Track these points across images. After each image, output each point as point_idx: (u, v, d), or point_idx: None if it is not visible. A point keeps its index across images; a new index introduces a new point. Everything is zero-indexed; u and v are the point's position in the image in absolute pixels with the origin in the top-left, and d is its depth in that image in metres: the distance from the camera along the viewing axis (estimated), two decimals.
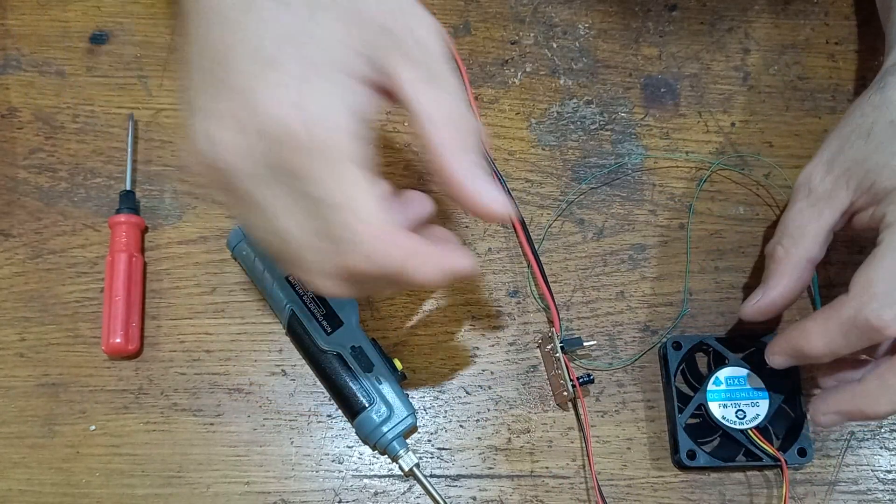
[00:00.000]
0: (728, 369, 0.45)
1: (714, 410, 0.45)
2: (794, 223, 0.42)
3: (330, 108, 0.30)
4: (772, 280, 0.43)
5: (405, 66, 0.31)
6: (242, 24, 0.30)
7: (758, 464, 0.45)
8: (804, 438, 0.44)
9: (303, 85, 0.29)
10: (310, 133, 0.29)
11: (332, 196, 0.29)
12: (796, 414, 0.45)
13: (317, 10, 0.30)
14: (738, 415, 0.44)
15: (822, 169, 0.42)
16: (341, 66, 0.30)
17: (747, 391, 0.45)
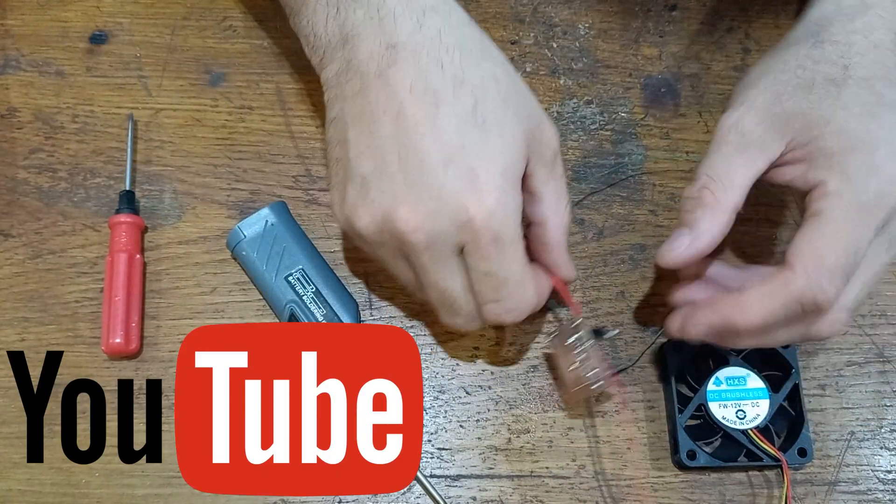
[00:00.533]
0: (728, 369, 0.45)
1: (714, 410, 0.44)
2: (723, 168, 0.40)
3: (506, 204, 0.37)
4: (701, 225, 0.40)
5: (541, 166, 0.40)
6: (446, 138, 0.37)
7: (758, 464, 0.45)
8: (804, 438, 0.44)
9: (500, 192, 0.37)
10: (504, 229, 0.37)
11: (505, 271, 0.38)
12: (796, 414, 0.45)
13: (504, 130, 0.38)
14: (738, 415, 0.44)
15: (756, 115, 0.40)
16: (511, 173, 0.38)
17: (747, 391, 0.45)
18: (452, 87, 0.38)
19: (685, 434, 0.44)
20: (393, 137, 0.38)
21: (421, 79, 0.38)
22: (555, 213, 0.41)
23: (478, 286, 0.39)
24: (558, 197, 0.41)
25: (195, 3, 0.53)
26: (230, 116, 0.51)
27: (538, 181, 0.40)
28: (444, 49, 0.38)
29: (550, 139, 0.40)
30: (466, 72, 0.38)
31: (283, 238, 0.46)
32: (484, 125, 0.38)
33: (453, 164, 0.37)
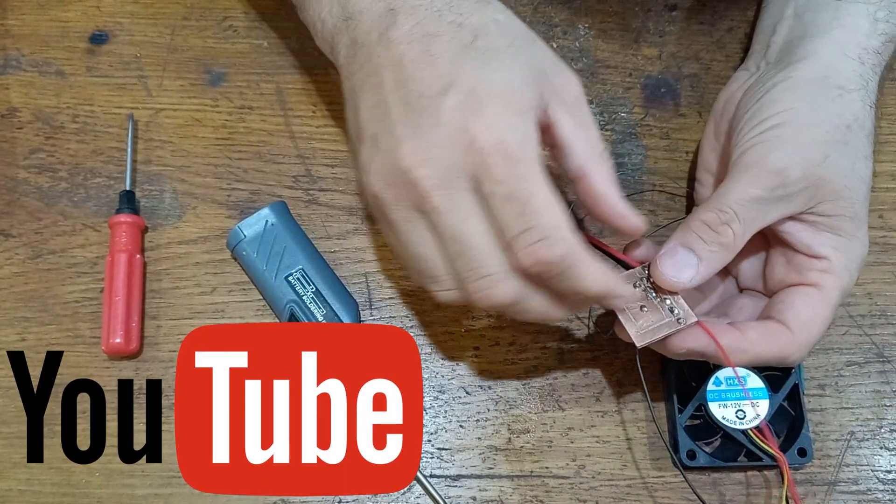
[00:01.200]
0: (728, 369, 0.45)
1: (714, 410, 0.44)
2: (754, 213, 0.39)
3: (512, 123, 0.35)
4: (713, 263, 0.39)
5: (562, 110, 0.38)
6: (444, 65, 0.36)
7: (758, 464, 0.45)
8: (804, 438, 0.44)
9: (506, 112, 0.35)
10: (517, 146, 0.35)
11: (527, 190, 0.35)
12: (796, 414, 0.45)
13: (506, 61, 0.37)
14: (738, 415, 0.44)
15: (801, 170, 0.39)
16: (528, 104, 0.36)
17: (747, 390, 0.45)
18: (450, 29, 0.37)
19: (685, 434, 0.44)
20: (394, 85, 0.37)
21: (419, 27, 0.37)
22: (592, 160, 0.38)
23: (502, 219, 0.35)
24: (592, 144, 0.38)
25: (195, 3, 0.53)
26: (230, 116, 0.51)
27: (564, 128, 0.38)
28: (444, 2, 0.38)
29: (569, 82, 0.38)
30: (465, 16, 0.37)
31: (283, 238, 0.46)
32: (485, 55, 0.36)
33: (452, 89, 0.36)
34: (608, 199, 0.38)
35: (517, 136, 0.35)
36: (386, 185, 0.37)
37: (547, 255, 0.35)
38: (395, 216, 0.37)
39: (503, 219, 0.35)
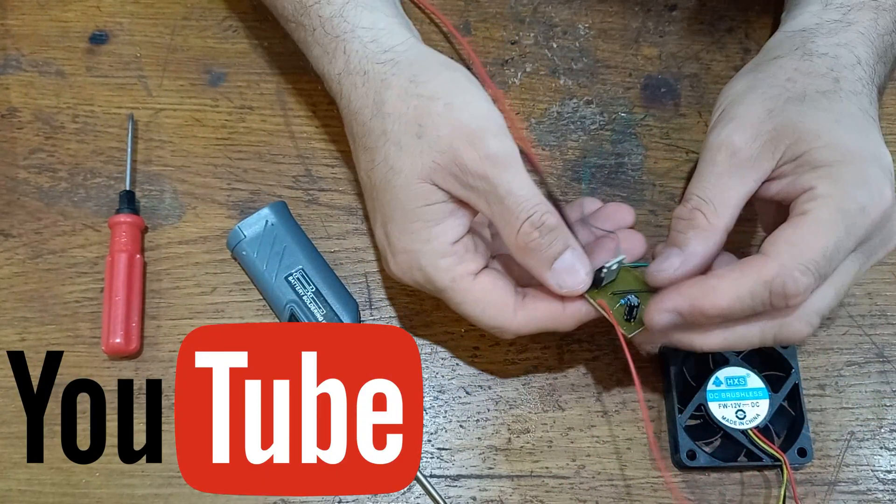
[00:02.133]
0: (728, 369, 0.45)
1: (714, 410, 0.44)
2: (715, 189, 0.39)
3: (430, 254, 0.40)
4: (692, 247, 0.39)
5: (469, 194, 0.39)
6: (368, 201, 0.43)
7: (758, 464, 0.45)
8: (804, 438, 0.44)
9: (409, 245, 0.40)
10: (429, 282, 0.40)
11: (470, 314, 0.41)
12: (796, 414, 0.45)
13: (398, 181, 0.40)
14: (738, 415, 0.44)
15: (747, 132, 0.39)
16: (424, 216, 0.39)
17: (747, 391, 0.45)
18: (361, 153, 0.42)
19: (685, 434, 0.44)
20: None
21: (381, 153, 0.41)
22: (508, 239, 0.39)
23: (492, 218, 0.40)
24: (505, 222, 0.38)
25: (195, 3, 0.53)
26: (230, 116, 0.51)
27: (478, 209, 0.39)
28: (355, 119, 0.42)
29: (469, 161, 0.37)
30: (365, 132, 0.41)
31: (283, 238, 0.46)
32: (382, 182, 0.40)
33: (377, 228, 0.42)
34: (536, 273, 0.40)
35: (422, 274, 0.40)
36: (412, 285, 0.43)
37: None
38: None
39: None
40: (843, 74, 0.40)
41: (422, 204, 0.39)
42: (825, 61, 0.41)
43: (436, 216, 0.39)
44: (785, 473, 0.44)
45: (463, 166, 0.38)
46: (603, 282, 0.40)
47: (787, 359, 0.45)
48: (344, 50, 0.41)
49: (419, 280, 0.40)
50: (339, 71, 0.42)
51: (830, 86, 0.40)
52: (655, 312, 0.38)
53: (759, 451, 0.44)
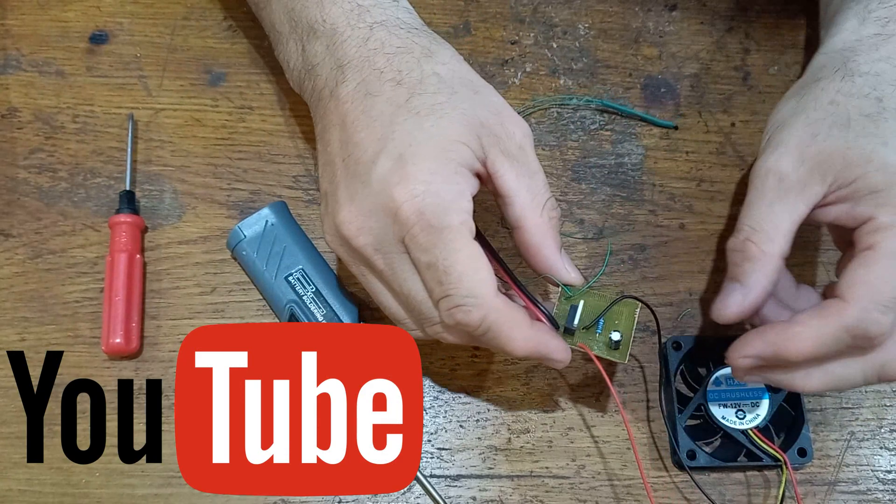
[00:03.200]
0: (728, 369, 0.45)
1: (714, 410, 0.44)
2: (765, 217, 0.39)
3: (452, 195, 0.36)
4: (751, 279, 0.39)
5: (504, 160, 0.38)
6: (379, 128, 0.37)
7: (758, 464, 0.45)
8: (804, 438, 0.44)
9: (431, 176, 0.36)
10: (437, 216, 0.36)
11: (444, 260, 0.36)
12: (796, 414, 0.45)
13: (441, 116, 0.37)
14: (738, 415, 0.44)
15: (793, 157, 0.39)
16: (459, 160, 0.37)
17: (747, 391, 0.45)
18: (389, 88, 0.38)
19: (685, 434, 0.44)
20: (338, 146, 0.39)
21: (362, 85, 0.38)
22: (531, 211, 0.39)
23: (427, 283, 0.37)
24: (533, 194, 0.39)
25: (195, 3, 0.53)
26: (230, 116, 0.51)
27: (504, 178, 0.39)
28: (386, 58, 0.39)
29: (513, 130, 0.39)
30: (404, 73, 0.39)
31: (283, 238, 0.46)
32: (418, 114, 0.37)
33: (382, 155, 0.37)
34: (542, 252, 0.39)
35: (439, 201, 0.36)
36: (337, 244, 0.39)
37: (465, 319, 0.36)
38: (352, 269, 0.40)
39: (427, 284, 0.37)
40: (887, 92, 0.39)
41: (460, 148, 0.37)
42: (867, 80, 0.40)
43: (466, 164, 0.37)
44: (785, 473, 0.44)
45: (509, 132, 0.39)
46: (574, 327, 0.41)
47: None
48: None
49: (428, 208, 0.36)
50: (375, 20, 0.40)
51: (874, 107, 0.39)
52: (739, 358, 0.39)
53: (759, 451, 0.44)
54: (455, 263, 0.36)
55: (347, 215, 0.37)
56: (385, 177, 0.36)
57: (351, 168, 0.38)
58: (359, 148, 0.37)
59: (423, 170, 0.36)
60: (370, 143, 0.37)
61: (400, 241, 0.37)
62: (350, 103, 0.38)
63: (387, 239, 0.37)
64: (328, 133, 0.39)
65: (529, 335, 0.38)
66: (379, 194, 0.36)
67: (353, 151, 0.38)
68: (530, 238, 0.39)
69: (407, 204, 0.36)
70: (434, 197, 0.36)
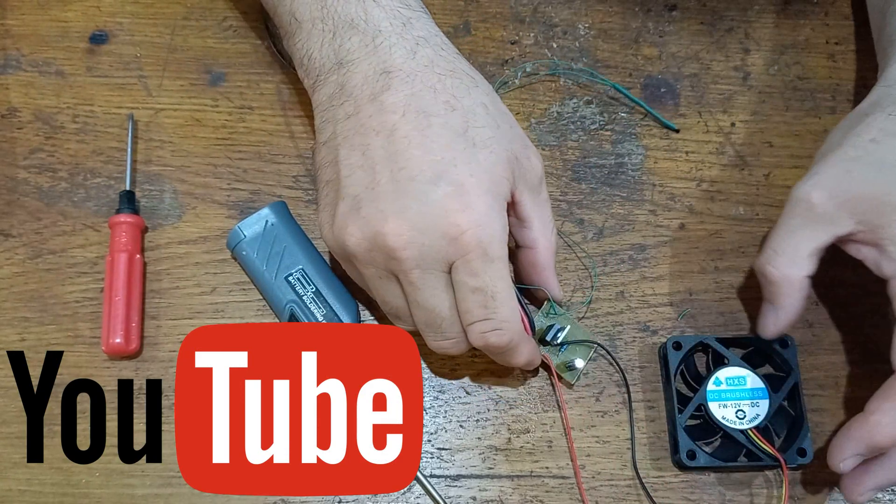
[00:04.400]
0: (728, 369, 0.45)
1: (714, 410, 0.44)
2: (788, 241, 0.41)
3: (493, 220, 0.38)
4: (780, 300, 0.42)
5: (526, 191, 0.42)
6: (438, 152, 0.38)
7: (758, 464, 0.45)
8: (804, 438, 0.44)
9: (489, 210, 0.38)
10: (493, 246, 0.38)
11: (493, 287, 0.39)
12: (797, 414, 0.45)
13: (492, 151, 0.39)
14: (738, 415, 0.44)
15: (825, 190, 0.40)
16: (504, 195, 0.40)
17: (747, 391, 0.45)
18: (444, 110, 0.39)
19: (685, 434, 0.44)
20: (384, 155, 0.38)
21: (414, 101, 0.39)
22: (543, 236, 0.43)
23: (465, 304, 0.39)
24: (544, 222, 0.43)
25: (195, 3, 0.53)
26: (230, 116, 0.51)
27: (526, 206, 0.42)
28: (437, 77, 0.40)
29: (535, 166, 0.42)
30: (458, 98, 0.40)
31: (283, 238, 0.46)
32: (474, 146, 0.39)
33: (443, 180, 0.38)
34: (545, 271, 0.44)
35: (496, 233, 0.38)
36: (363, 248, 0.39)
37: (497, 341, 0.40)
38: (366, 271, 0.40)
39: (467, 305, 0.39)
40: None
41: (504, 183, 0.40)
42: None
43: (507, 197, 0.40)
44: (784, 482, 0.44)
45: (533, 166, 0.42)
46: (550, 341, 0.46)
47: (787, 359, 0.45)
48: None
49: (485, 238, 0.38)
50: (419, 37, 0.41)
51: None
52: (840, 462, 0.41)
53: (758, 451, 0.44)
54: (501, 291, 0.39)
55: (396, 227, 0.38)
56: (445, 201, 0.38)
57: (402, 183, 0.38)
58: (413, 165, 0.38)
59: (483, 203, 0.38)
60: (428, 165, 0.38)
61: (447, 262, 0.38)
62: (401, 116, 0.39)
63: (433, 257, 0.38)
64: (364, 137, 0.39)
65: (530, 350, 0.42)
66: (438, 216, 0.38)
67: (407, 166, 0.38)
68: (539, 258, 0.44)
69: (470, 232, 0.38)
70: (492, 229, 0.38)
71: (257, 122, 0.51)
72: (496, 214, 0.39)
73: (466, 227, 0.38)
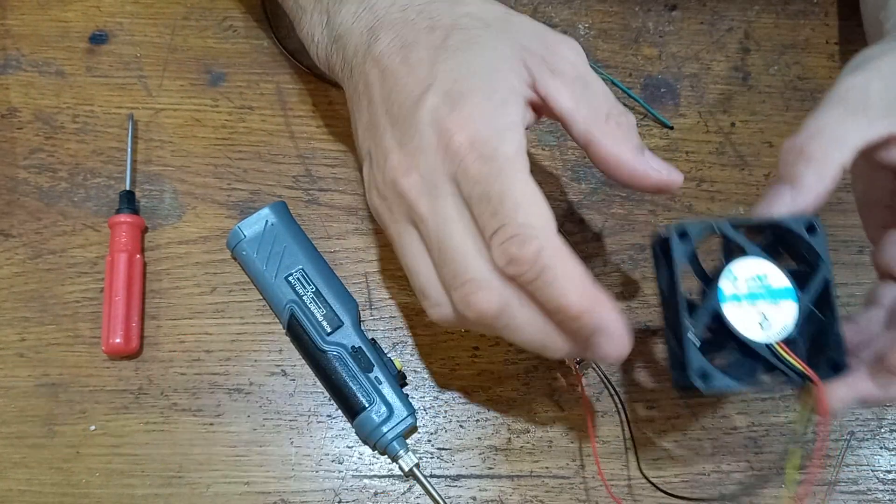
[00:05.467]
0: (744, 262, 0.36)
1: (732, 318, 0.35)
2: (835, 124, 0.36)
3: (488, 116, 0.34)
4: (805, 181, 0.35)
5: (554, 79, 0.36)
6: (421, 71, 0.36)
7: (783, 382, 0.36)
8: (837, 348, 0.35)
9: (482, 107, 0.34)
10: (490, 144, 0.34)
11: (501, 189, 0.33)
12: (826, 318, 0.36)
13: (483, 48, 0.36)
14: (760, 323, 0.35)
15: (885, 83, 0.36)
16: (508, 89, 0.35)
17: (770, 291, 0.36)
18: (424, 35, 0.37)
19: (696, 350, 0.35)
20: (380, 100, 0.37)
21: (397, 40, 0.37)
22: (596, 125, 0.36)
23: (479, 219, 0.34)
24: (594, 108, 0.36)
25: (195, 3, 0.53)
26: (230, 116, 0.51)
27: (558, 100, 0.36)
28: (416, 11, 0.38)
29: (559, 49, 0.37)
30: (436, 19, 0.37)
31: (283, 238, 0.46)
32: (457, 50, 0.36)
33: (429, 92, 0.35)
34: (620, 162, 0.36)
35: (492, 131, 0.34)
36: (381, 199, 0.37)
37: (519, 252, 0.33)
38: (391, 230, 0.37)
39: (480, 219, 0.34)
40: None
41: (507, 76, 0.36)
42: None
43: (515, 91, 0.36)
44: (813, 396, 0.35)
45: (555, 51, 0.37)
46: None
47: (814, 247, 0.36)
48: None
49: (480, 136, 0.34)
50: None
51: None
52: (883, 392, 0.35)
53: (787, 367, 0.35)
54: (511, 191, 0.33)
55: (396, 158, 0.35)
56: (433, 112, 0.35)
57: (395, 114, 0.36)
58: (402, 94, 0.36)
59: (473, 102, 0.34)
60: (414, 86, 0.35)
61: (451, 179, 0.34)
62: (388, 57, 0.37)
63: (436, 177, 0.34)
64: (367, 94, 0.38)
65: (589, 290, 0.33)
66: (428, 130, 0.35)
67: (398, 97, 0.36)
68: (603, 151, 0.36)
69: (458, 134, 0.34)
70: (486, 126, 0.34)
71: (257, 122, 0.51)
72: (493, 110, 0.34)
73: (455, 130, 0.34)
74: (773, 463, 0.46)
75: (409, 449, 0.44)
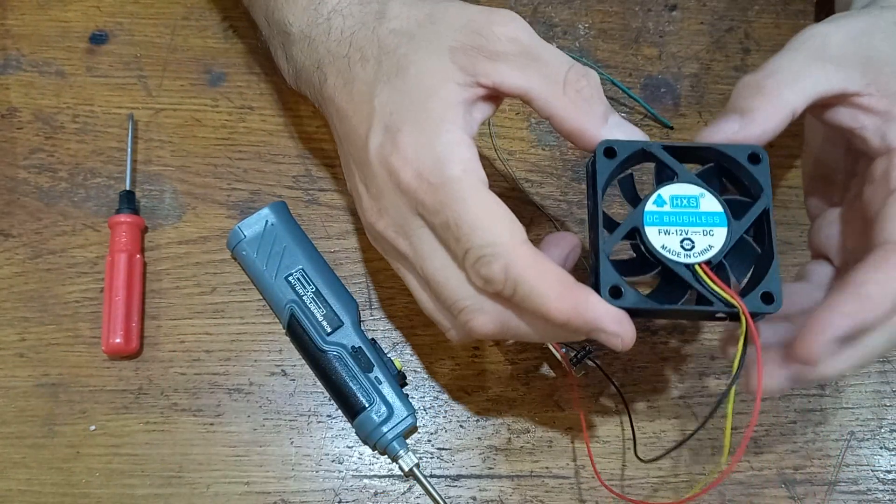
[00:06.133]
0: (675, 186, 0.35)
1: (652, 237, 0.34)
2: (794, 68, 0.35)
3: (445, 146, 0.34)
4: (756, 115, 0.35)
5: (495, 64, 0.34)
6: (363, 109, 0.36)
7: (707, 309, 0.33)
8: (772, 280, 0.33)
9: (418, 136, 0.34)
10: (434, 172, 0.33)
11: (454, 215, 0.33)
12: (764, 249, 0.35)
13: (407, 69, 0.35)
14: (683, 244, 0.34)
15: (847, 36, 0.36)
16: (443, 105, 0.34)
17: (699, 215, 0.35)
18: (359, 68, 0.37)
19: (609, 265, 0.34)
20: (341, 142, 0.39)
21: (339, 78, 0.38)
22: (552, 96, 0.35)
23: (449, 248, 0.34)
24: (546, 77, 0.35)
25: (195, 3, 0.53)
26: (230, 116, 0.51)
27: (506, 80, 0.35)
28: (347, 44, 0.37)
29: (495, 31, 0.35)
30: (365, 48, 0.37)
31: (283, 238, 0.46)
32: (388, 79, 0.35)
33: (372, 132, 0.35)
34: (584, 134, 0.35)
35: (433, 158, 0.33)
36: (372, 239, 0.38)
37: (487, 272, 0.33)
38: (392, 265, 0.39)
39: (449, 246, 0.34)
40: None
41: (439, 91, 0.34)
42: None
43: (454, 103, 0.34)
44: (743, 325, 0.33)
45: (490, 34, 0.34)
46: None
47: (756, 178, 0.35)
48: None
49: (425, 167, 0.33)
50: (331, 9, 0.39)
51: None
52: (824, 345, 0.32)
53: (709, 293, 0.33)
54: (465, 214, 0.33)
55: (366, 203, 0.36)
56: (379, 152, 0.35)
57: (355, 157, 0.37)
58: (354, 134, 0.36)
59: (410, 133, 0.34)
60: (359, 125, 0.36)
61: (416, 214, 0.34)
62: (337, 96, 0.38)
63: (403, 216, 0.35)
64: (335, 131, 0.39)
65: (567, 295, 0.33)
66: (381, 171, 0.35)
67: (353, 138, 0.36)
68: (566, 125, 0.35)
69: (403, 171, 0.34)
70: (427, 155, 0.33)
71: (257, 122, 0.51)
72: (430, 136, 0.34)
73: (399, 167, 0.34)
74: (771, 463, 0.46)
75: (409, 449, 0.44)
